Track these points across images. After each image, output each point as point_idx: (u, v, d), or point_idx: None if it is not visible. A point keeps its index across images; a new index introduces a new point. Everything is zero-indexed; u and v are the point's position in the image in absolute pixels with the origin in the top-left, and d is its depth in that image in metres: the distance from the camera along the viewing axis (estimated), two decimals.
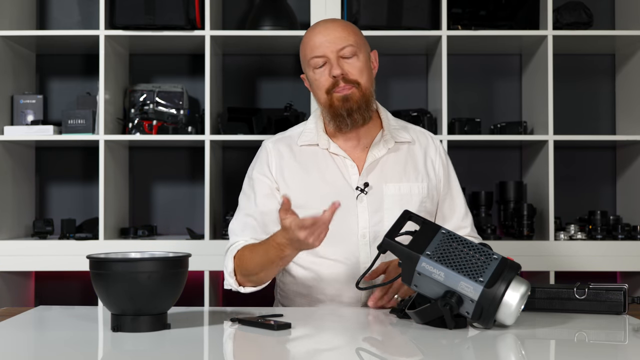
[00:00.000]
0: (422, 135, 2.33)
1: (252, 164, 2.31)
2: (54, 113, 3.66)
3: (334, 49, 2.15)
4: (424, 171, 2.25)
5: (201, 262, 3.23)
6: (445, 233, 1.81)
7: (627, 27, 3.50)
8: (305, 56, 2.20)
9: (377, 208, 2.18)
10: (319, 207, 2.13)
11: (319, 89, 2.19)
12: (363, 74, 2.18)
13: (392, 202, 2.19)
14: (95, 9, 3.55)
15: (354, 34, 2.19)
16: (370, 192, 2.19)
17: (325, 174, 2.21)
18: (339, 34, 2.17)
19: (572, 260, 3.27)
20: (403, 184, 2.21)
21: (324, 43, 2.16)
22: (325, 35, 2.17)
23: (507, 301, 1.72)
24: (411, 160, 2.25)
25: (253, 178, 2.26)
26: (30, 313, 2.03)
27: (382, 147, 2.23)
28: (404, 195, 2.20)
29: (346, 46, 2.16)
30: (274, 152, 2.26)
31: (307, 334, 1.83)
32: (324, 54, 2.16)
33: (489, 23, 3.40)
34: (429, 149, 2.30)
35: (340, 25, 2.20)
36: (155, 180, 3.71)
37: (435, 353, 1.63)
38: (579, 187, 3.71)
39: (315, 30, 2.20)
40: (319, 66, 2.17)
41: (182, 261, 1.76)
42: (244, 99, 3.70)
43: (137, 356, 1.59)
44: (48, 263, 3.27)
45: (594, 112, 3.73)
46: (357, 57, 2.17)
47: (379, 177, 2.21)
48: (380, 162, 2.22)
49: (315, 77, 2.18)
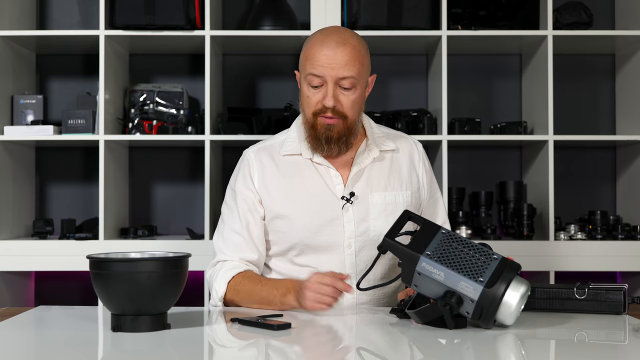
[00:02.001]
0: (406, 143, 2.29)
1: (234, 174, 2.28)
2: (54, 113, 3.66)
3: (334, 75, 2.09)
4: (408, 179, 2.23)
5: (201, 262, 3.21)
6: (445, 233, 1.81)
7: (627, 27, 3.50)
8: (305, 67, 2.13)
9: (363, 218, 2.17)
10: (304, 218, 2.16)
11: (308, 106, 2.14)
12: (354, 107, 2.13)
13: (377, 212, 2.17)
14: (95, 9, 3.55)
15: (359, 63, 2.11)
16: (355, 202, 2.17)
17: (309, 184, 2.19)
18: (345, 62, 2.09)
19: (572, 260, 3.27)
20: (388, 193, 2.19)
21: (327, 65, 2.09)
22: (331, 58, 2.09)
23: (507, 301, 1.72)
24: (396, 169, 2.23)
25: (236, 191, 2.24)
26: (30, 313, 2.03)
27: (367, 156, 2.20)
28: (389, 204, 2.18)
29: (348, 77, 2.09)
30: (255, 162, 2.23)
31: (307, 334, 1.83)
32: (323, 75, 2.09)
33: (489, 23, 3.40)
34: (413, 156, 2.27)
35: (349, 51, 2.09)
36: (155, 180, 3.71)
37: (435, 353, 1.63)
38: (579, 187, 3.71)
39: (323, 47, 2.10)
40: (314, 85, 2.11)
41: (182, 261, 1.76)
42: (244, 99, 3.70)
43: (137, 356, 1.59)
44: (48, 263, 3.27)
45: (594, 112, 3.73)
46: (354, 89, 2.12)
47: (365, 187, 2.19)
48: (366, 171, 2.20)
49: (308, 93, 2.13)
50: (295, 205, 2.17)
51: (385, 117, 3.40)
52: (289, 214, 2.16)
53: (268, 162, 2.22)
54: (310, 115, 2.14)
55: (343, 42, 2.11)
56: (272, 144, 2.27)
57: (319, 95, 2.12)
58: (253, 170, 2.23)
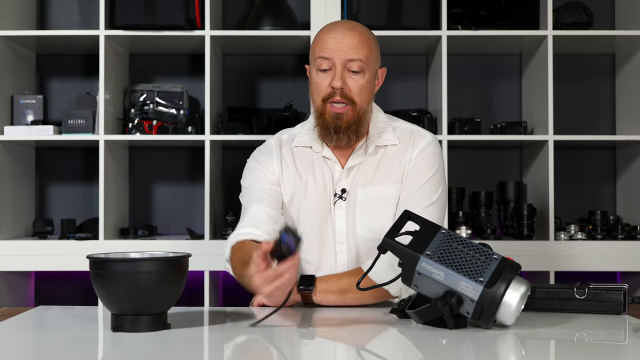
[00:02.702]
0: (410, 138, 2.21)
1: (254, 157, 2.26)
2: (54, 113, 3.66)
3: (342, 57, 2.09)
4: (400, 173, 2.17)
5: (201, 262, 3.23)
6: (445, 233, 1.81)
7: (627, 27, 3.50)
8: (314, 52, 2.15)
9: (353, 214, 2.16)
10: (303, 209, 2.17)
11: (318, 92, 2.14)
12: (362, 92, 2.12)
13: (365, 208, 2.15)
14: (95, 9, 3.55)
15: (367, 48, 2.12)
16: (347, 199, 2.17)
17: (316, 177, 2.19)
18: (354, 44, 2.10)
19: (572, 260, 3.27)
20: (376, 187, 2.16)
21: (335, 48, 2.10)
22: (339, 41, 2.10)
23: (507, 301, 1.72)
24: (387, 162, 2.19)
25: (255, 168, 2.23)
26: (30, 313, 2.03)
27: (361, 152, 2.18)
28: (378, 198, 2.15)
29: (356, 60, 2.10)
30: (276, 150, 2.24)
31: (307, 334, 1.83)
32: (332, 57, 2.10)
33: (489, 23, 3.40)
34: (413, 150, 2.19)
35: (358, 36, 2.12)
36: (155, 180, 3.71)
37: (435, 353, 1.63)
38: (579, 187, 3.71)
39: (332, 32, 2.13)
40: (323, 69, 2.11)
41: (182, 261, 1.76)
42: (244, 99, 3.70)
43: (137, 356, 1.59)
44: (48, 263, 3.27)
45: (594, 112, 3.73)
46: (362, 73, 2.11)
47: (354, 183, 2.17)
48: (358, 167, 2.19)
49: (317, 79, 2.14)
50: (298, 195, 2.18)
51: None
52: (290, 201, 2.19)
53: (287, 152, 2.24)
54: (319, 102, 2.13)
55: (352, 27, 2.15)
56: (289, 135, 2.28)
57: (327, 79, 2.11)
58: (274, 158, 2.23)
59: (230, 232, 3.30)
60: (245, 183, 2.25)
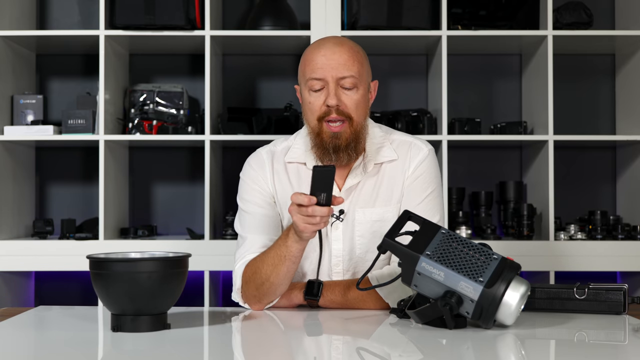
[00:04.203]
0: (408, 151, 2.16)
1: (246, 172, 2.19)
2: (54, 113, 3.66)
3: (334, 75, 2.04)
4: (400, 193, 2.13)
5: (201, 262, 3.24)
6: (445, 233, 1.81)
7: (627, 27, 3.50)
8: (304, 74, 2.09)
9: (350, 236, 2.12)
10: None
11: (312, 113, 2.08)
12: (358, 108, 2.07)
13: (364, 230, 2.11)
14: (95, 9, 3.55)
15: (358, 63, 2.06)
16: (345, 220, 2.11)
17: None
18: (344, 61, 2.05)
19: (572, 260, 3.27)
20: (376, 209, 2.11)
21: (326, 66, 2.05)
22: (329, 58, 2.05)
23: (507, 301, 1.72)
24: (388, 182, 2.14)
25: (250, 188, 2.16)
26: (30, 313, 2.03)
27: (359, 172, 2.12)
28: (377, 221, 2.11)
29: (348, 76, 2.05)
30: (268, 164, 2.17)
31: (307, 334, 1.83)
32: (324, 77, 2.05)
33: (489, 23, 3.40)
34: (410, 164, 2.14)
35: (347, 50, 2.06)
36: (155, 180, 3.71)
37: (435, 353, 1.63)
38: (579, 187, 3.71)
39: (320, 49, 2.07)
40: (316, 89, 2.06)
41: (182, 261, 1.76)
42: (244, 99, 3.70)
43: (137, 356, 1.59)
44: (48, 263, 3.27)
45: (594, 112, 3.73)
46: (356, 89, 2.06)
47: (353, 205, 2.12)
48: (357, 188, 2.13)
49: (310, 99, 2.08)
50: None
51: (385, 117, 3.40)
52: (286, 224, 2.12)
53: (279, 167, 2.16)
54: (315, 122, 2.07)
55: (340, 42, 2.09)
56: (280, 149, 2.19)
57: (321, 98, 2.06)
58: (266, 169, 2.16)
59: (230, 232, 3.33)
60: (244, 206, 2.16)
